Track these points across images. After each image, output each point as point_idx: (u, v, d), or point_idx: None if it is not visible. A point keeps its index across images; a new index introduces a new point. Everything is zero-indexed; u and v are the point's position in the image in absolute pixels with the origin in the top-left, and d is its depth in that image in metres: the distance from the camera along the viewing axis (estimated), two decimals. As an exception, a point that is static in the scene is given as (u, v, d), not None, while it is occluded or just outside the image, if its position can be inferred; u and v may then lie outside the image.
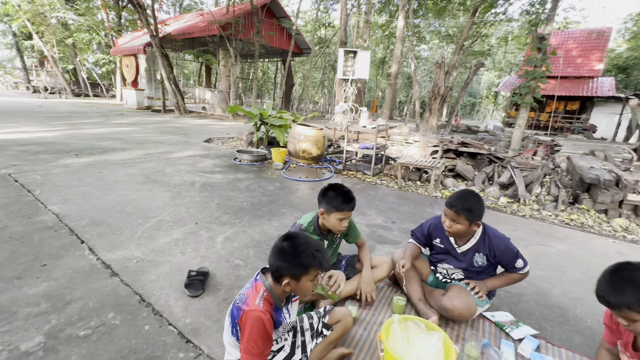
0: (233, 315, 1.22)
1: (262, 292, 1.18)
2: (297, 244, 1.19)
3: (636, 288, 1.07)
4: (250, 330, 1.12)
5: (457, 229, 1.76)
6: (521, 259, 1.78)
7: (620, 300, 1.09)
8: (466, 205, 1.70)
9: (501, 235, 1.83)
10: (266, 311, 1.14)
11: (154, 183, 4.15)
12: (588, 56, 19.50)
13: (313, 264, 1.17)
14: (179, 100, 14.67)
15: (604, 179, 4.11)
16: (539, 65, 7.76)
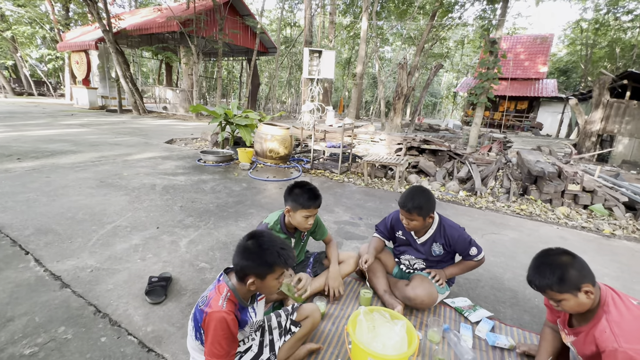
0: (196, 318, 1.19)
1: (225, 293, 1.16)
2: (261, 242, 1.18)
3: (554, 271, 1.18)
4: (214, 332, 1.09)
5: (414, 225, 1.86)
6: (475, 247, 1.89)
7: (543, 283, 1.20)
8: (415, 203, 1.79)
9: (456, 225, 1.94)
10: (230, 311, 1.12)
11: (110, 187, 3.89)
12: (534, 60, 21.21)
13: (278, 262, 1.16)
14: (137, 99, 13.88)
15: (548, 172, 4.49)
16: (492, 68, 8.32)
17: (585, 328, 1.22)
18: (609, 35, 19.52)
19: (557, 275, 1.18)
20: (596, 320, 1.17)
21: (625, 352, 1.04)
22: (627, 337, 1.06)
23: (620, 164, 9.89)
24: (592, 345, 1.18)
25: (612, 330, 1.09)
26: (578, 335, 1.26)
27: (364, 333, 1.46)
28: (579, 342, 1.26)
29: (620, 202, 4.18)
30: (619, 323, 1.10)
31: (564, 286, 1.17)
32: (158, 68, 20.52)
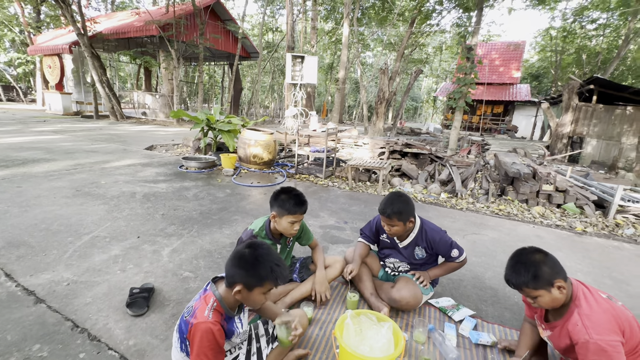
0: (181, 329, 1.17)
1: (211, 303, 1.14)
2: (258, 254, 1.16)
3: (528, 269, 1.25)
4: (199, 343, 1.07)
5: (395, 231, 1.90)
6: (456, 249, 1.94)
7: (519, 281, 1.27)
8: (394, 209, 1.83)
9: (437, 228, 1.99)
10: (216, 322, 1.10)
11: (87, 196, 3.76)
12: (508, 65, 22.13)
13: (269, 278, 1.15)
14: (115, 104, 13.48)
15: (523, 173, 4.69)
16: (469, 73, 8.62)
17: (560, 322, 1.28)
18: (575, 43, 20.64)
19: (532, 272, 1.24)
20: (569, 315, 1.24)
21: (596, 343, 1.10)
22: (597, 329, 1.13)
23: (589, 164, 10.44)
24: (566, 338, 1.24)
25: (584, 323, 1.15)
26: (554, 329, 1.32)
27: (351, 337, 1.48)
28: (554, 336, 1.32)
29: (590, 200, 4.40)
30: (590, 316, 1.17)
31: (538, 283, 1.23)
32: (136, 72, 20.02)
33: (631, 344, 1.17)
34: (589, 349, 1.11)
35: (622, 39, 17.05)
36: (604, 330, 1.12)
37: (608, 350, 1.09)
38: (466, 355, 1.69)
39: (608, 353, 1.09)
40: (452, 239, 1.96)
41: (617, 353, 1.09)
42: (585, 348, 1.12)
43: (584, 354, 1.13)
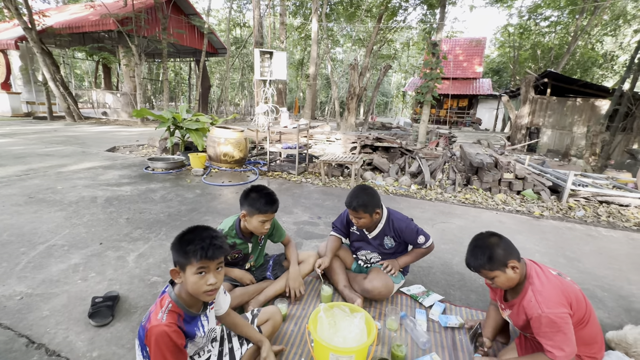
0: (140, 336, 1.12)
1: (166, 305, 1.10)
2: (185, 232, 1.15)
3: (484, 252, 1.34)
4: (156, 347, 1.03)
5: (363, 223, 1.94)
6: (423, 235, 2.01)
7: (477, 264, 1.35)
8: (360, 202, 1.87)
9: (403, 217, 2.05)
10: (171, 324, 1.05)
11: (41, 203, 3.49)
12: (471, 61, 23.12)
13: (192, 252, 1.07)
14: (71, 104, 12.59)
15: (486, 163, 4.93)
16: (435, 68, 8.91)
17: (517, 300, 1.37)
18: (531, 39, 21.93)
19: (487, 255, 1.32)
20: (524, 292, 1.33)
21: (547, 316, 1.19)
22: (547, 303, 1.22)
23: (545, 152, 11.20)
24: (522, 314, 1.33)
25: (536, 299, 1.25)
26: (512, 308, 1.42)
27: (325, 330, 1.49)
28: (513, 315, 1.41)
29: (546, 186, 4.73)
30: (541, 292, 1.26)
31: (493, 264, 1.31)
32: (94, 70, 18.78)
33: (578, 315, 1.27)
34: (541, 322, 1.20)
35: (571, 36, 18.35)
36: (554, 304, 1.22)
37: (557, 322, 1.19)
38: (436, 338, 1.76)
39: (557, 324, 1.19)
40: (418, 226, 2.02)
41: (565, 324, 1.20)
42: (538, 322, 1.22)
43: (538, 327, 1.22)
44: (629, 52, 18.95)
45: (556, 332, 1.19)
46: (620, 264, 2.84)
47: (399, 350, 1.58)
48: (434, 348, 1.69)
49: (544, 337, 1.21)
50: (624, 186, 4.91)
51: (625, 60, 19.80)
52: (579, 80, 12.11)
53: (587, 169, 7.18)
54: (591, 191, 4.53)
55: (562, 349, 1.17)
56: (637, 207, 4.36)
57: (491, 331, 1.64)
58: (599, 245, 3.22)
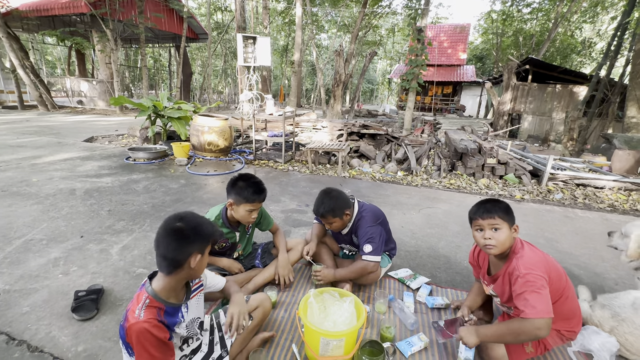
0: (121, 336, 1.09)
1: (143, 300, 1.06)
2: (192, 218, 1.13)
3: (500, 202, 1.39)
4: (138, 344, 1.00)
5: (336, 226, 1.93)
6: (371, 245, 1.83)
7: (496, 206, 1.38)
8: (326, 208, 1.84)
9: (371, 218, 1.93)
10: (150, 319, 1.03)
11: (16, 196, 3.34)
12: (455, 47, 23.20)
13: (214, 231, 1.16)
14: (43, 93, 11.96)
15: (470, 148, 5.02)
16: (420, 54, 8.89)
17: (501, 272, 1.42)
18: (513, 26, 22.16)
19: (504, 206, 1.39)
20: (509, 263, 1.38)
21: (524, 276, 1.25)
22: (526, 266, 1.28)
23: (526, 138, 11.49)
24: (507, 285, 1.38)
25: (517, 264, 1.31)
26: (496, 281, 1.46)
27: (315, 315, 1.50)
28: (498, 287, 1.46)
29: (527, 170, 4.87)
30: (523, 257, 1.32)
31: (508, 215, 1.37)
32: (67, 56, 17.80)
33: (557, 287, 1.33)
34: (518, 283, 1.26)
35: (552, 23, 18.64)
36: (532, 266, 1.28)
37: (532, 281, 1.23)
38: (423, 319, 1.81)
39: (532, 283, 1.23)
40: (376, 235, 1.87)
41: (541, 285, 1.23)
42: (517, 284, 1.27)
43: (516, 290, 1.26)
44: (606, 39, 19.47)
45: (531, 291, 1.21)
46: (595, 243, 2.98)
47: (388, 331, 1.62)
48: (422, 328, 1.73)
49: (518, 298, 1.24)
50: (599, 169, 5.12)
51: (602, 47, 20.35)
52: (559, 66, 12.39)
53: (565, 154, 7.43)
54: (569, 174, 4.70)
55: (534, 307, 1.17)
56: (611, 189, 4.56)
57: (471, 303, 1.68)
58: (575, 226, 3.36)
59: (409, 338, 1.63)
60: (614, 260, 2.60)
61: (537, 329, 1.16)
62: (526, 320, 1.18)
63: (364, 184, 4.55)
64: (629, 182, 4.50)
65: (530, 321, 1.17)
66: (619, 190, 4.53)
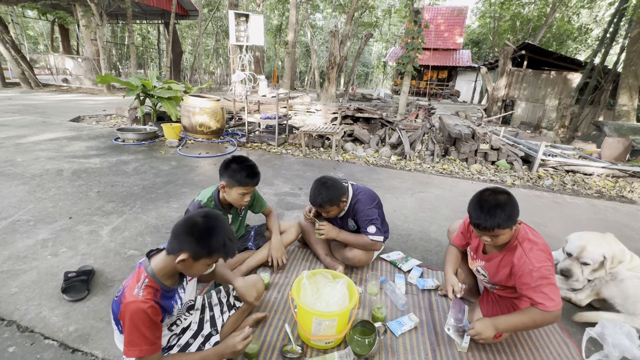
0: (114, 311, 1.08)
1: (142, 280, 1.05)
2: (213, 224, 1.06)
3: (504, 209, 1.27)
4: (131, 323, 1.00)
5: (333, 214, 1.92)
6: (374, 226, 1.87)
7: (493, 223, 1.27)
8: (324, 198, 1.82)
9: (367, 200, 1.94)
10: (147, 299, 1.02)
11: (0, 176, 3.24)
12: (452, 31, 22.85)
13: (219, 251, 1.07)
14: (25, 70, 11.47)
15: (464, 134, 5.02)
16: (416, 37, 8.73)
17: (499, 254, 1.44)
18: (511, 10, 21.84)
19: (507, 213, 1.27)
20: (511, 249, 1.39)
21: (539, 270, 1.29)
22: (538, 259, 1.31)
23: (519, 124, 11.56)
24: (506, 268, 1.41)
25: (528, 256, 1.33)
26: (491, 260, 1.48)
27: (308, 296, 1.51)
28: (491, 267, 1.48)
29: (519, 157, 4.91)
30: (532, 249, 1.34)
31: (510, 222, 1.28)
32: (50, 31, 16.99)
33: None
34: (533, 276, 1.29)
35: (549, 7, 18.41)
36: (543, 259, 1.32)
37: (547, 275, 1.29)
38: (414, 300, 1.85)
39: (547, 277, 1.29)
40: (377, 217, 1.91)
41: (553, 276, 1.30)
42: (529, 276, 1.30)
43: (530, 282, 1.30)
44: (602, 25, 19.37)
45: (547, 284, 1.27)
46: (582, 228, 3.03)
47: (379, 312, 1.65)
48: (412, 309, 1.77)
49: (535, 291, 1.28)
50: (589, 156, 5.20)
51: (598, 34, 20.27)
52: (555, 53, 12.34)
53: (556, 140, 7.51)
54: (559, 161, 4.76)
55: (553, 299, 1.26)
56: (599, 176, 4.64)
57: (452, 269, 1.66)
58: (564, 212, 3.44)
59: (399, 318, 1.66)
60: (599, 245, 2.67)
61: (556, 317, 1.29)
62: (548, 313, 1.27)
63: (357, 167, 4.54)
64: (617, 169, 4.59)
65: (551, 313, 1.27)
66: (606, 177, 4.62)
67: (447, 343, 1.56)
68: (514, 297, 1.52)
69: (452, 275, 1.61)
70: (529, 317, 1.31)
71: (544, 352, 1.54)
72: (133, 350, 1.01)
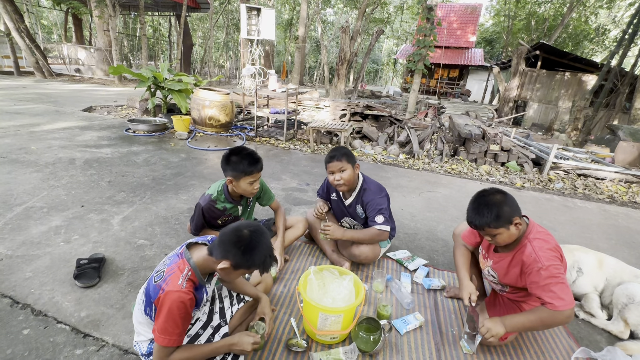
0: (149, 293, 1.11)
1: (186, 272, 1.09)
2: (259, 240, 1.11)
3: (491, 209, 1.31)
4: (169, 311, 1.03)
5: (348, 176, 1.86)
6: (382, 216, 1.87)
7: (482, 222, 1.33)
8: (342, 152, 1.87)
9: (376, 190, 1.95)
10: (189, 291, 1.07)
11: (15, 163, 3.31)
12: (465, 29, 22.49)
13: (259, 266, 1.13)
14: (39, 59, 11.63)
15: (474, 134, 4.97)
16: (428, 34, 8.61)
17: (510, 254, 1.43)
18: (527, 8, 21.41)
19: (494, 213, 1.30)
20: (521, 247, 1.38)
21: (548, 269, 1.27)
22: (548, 257, 1.30)
23: (530, 126, 11.38)
24: (517, 267, 1.40)
25: (537, 254, 1.31)
26: (501, 259, 1.47)
27: (314, 291, 1.52)
28: (501, 266, 1.47)
29: (530, 159, 4.84)
30: (542, 247, 1.32)
31: (499, 222, 1.31)
32: (63, 21, 17.18)
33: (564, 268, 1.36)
34: (541, 275, 1.28)
35: (566, 7, 17.98)
36: (552, 257, 1.30)
37: (556, 274, 1.27)
38: (419, 299, 1.85)
39: (556, 276, 1.27)
40: (385, 207, 1.91)
41: (563, 275, 1.28)
42: (538, 275, 1.29)
43: (537, 280, 1.29)
44: (621, 26, 18.86)
45: (556, 283, 1.25)
46: (592, 233, 3.01)
47: (385, 310, 1.65)
48: (417, 308, 1.77)
49: (544, 290, 1.27)
50: (601, 160, 5.10)
51: (616, 35, 19.76)
52: (570, 53, 12.07)
53: (568, 143, 7.37)
54: (572, 164, 4.68)
55: (562, 298, 1.23)
56: (612, 181, 4.56)
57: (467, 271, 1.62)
58: (573, 216, 3.39)
59: (405, 316, 1.67)
60: (610, 250, 2.64)
61: (567, 317, 1.25)
62: (558, 312, 1.24)
63: (365, 165, 4.53)
64: (631, 174, 4.49)
65: (561, 312, 1.24)
66: (619, 182, 4.53)
67: (452, 343, 1.56)
68: (522, 301, 1.51)
69: (469, 281, 1.55)
70: (537, 317, 1.29)
71: (549, 356, 1.53)
72: (164, 338, 1.04)
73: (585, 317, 1.81)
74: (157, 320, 1.06)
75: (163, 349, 1.06)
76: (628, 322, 1.67)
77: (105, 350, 1.36)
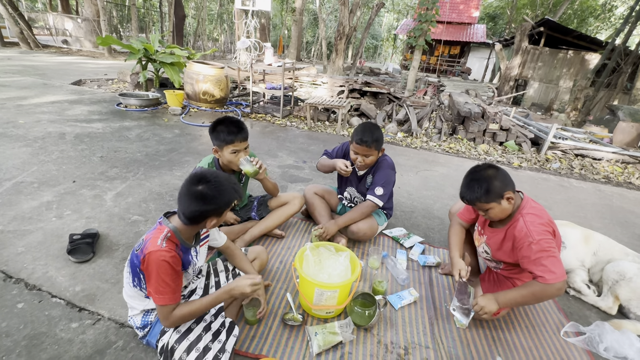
0: (133, 264, 1.11)
1: (165, 233, 1.09)
2: (216, 185, 1.11)
3: (481, 185, 1.32)
4: (156, 272, 1.03)
5: (370, 161, 1.87)
6: (382, 189, 1.88)
7: (473, 197, 1.34)
8: (374, 137, 1.80)
9: (391, 164, 1.97)
10: (170, 249, 1.06)
11: (2, 137, 3.21)
12: (468, 3, 21.67)
13: (234, 197, 1.16)
14: (24, 29, 11.09)
15: (474, 112, 4.89)
16: (430, 8, 8.29)
17: (503, 229, 1.43)
18: (532, -18, 20.62)
19: (484, 188, 1.31)
20: (514, 221, 1.38)
21: (539, 243, 1.27)
22: (539, 231, 1.30)
23: (530, 106, 11.26)
24: (509, 242, 1.40)
25: (528, 228, 1.31)
26: (495, 234, 1.47)
27: (310, 267, 1.52)
28: (495, 241, 1.47)
29: (528, 138, 4.81)
30: (533, 222, 1.32)
31: (489, 197, 1.31)
32: (47, -12, 16.25)
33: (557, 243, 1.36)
34: (532, 249, 1.28)
35: (574, -19, 17.31)
36: (544, 231, 1.30)
37: (547, 247, 1.27)
38: (414, 275, 1.87)
39: (547, 250, 1.27)
40: (390, 185, 1.94)
41: (554, 248, 1.29)
42: (530, 250, 1.29)
43: (530, 255, 1.30)
44: (628, 2, 18.28)
45: (547, 256, 1.26)
46: (586, 212, 3.03)
47: (380, 285, 1.67)
48: (412, 284, 1.79)
49: (535, 264, 1.28)
50: (600, 141, 5.08)
51: (622, 12, 19.20)
52: (575, 30, 11.74)
53: (567, 123, 7.33)
54: (570, 144, 4.66)
55: (553, 272, 1.24)
56: (609, 161, 4.56)
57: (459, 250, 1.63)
58: (569, 195, 3.40)
59: (399, 292, 1.68)
60: (604, 229, 2.67)
61: (558, 290, 1.25)
62: (549, 285, 1.25)
63: (362, 143, 4.47)
64: (628, 154, 4.49)
65: (552, 285, 1.24)
66: (616, 162, 4.54)
67: (445, 317, 1.58)
68: (515, 278, 1.53)
69: (460, 259, 1.58)
70: (529, 291, 1.30)
71: (540, 330, 1.57)
72: (161, 298, 1.05)
73: (575, 293, 1.85)
74: (148, 283, 1.06)
75: (163, 307, 1.07)
76: (619, 297, 1.70)
77: (101, 323, 1.36)
